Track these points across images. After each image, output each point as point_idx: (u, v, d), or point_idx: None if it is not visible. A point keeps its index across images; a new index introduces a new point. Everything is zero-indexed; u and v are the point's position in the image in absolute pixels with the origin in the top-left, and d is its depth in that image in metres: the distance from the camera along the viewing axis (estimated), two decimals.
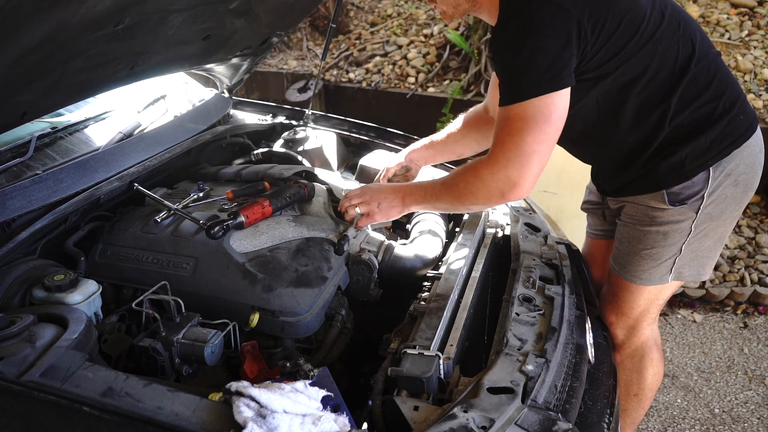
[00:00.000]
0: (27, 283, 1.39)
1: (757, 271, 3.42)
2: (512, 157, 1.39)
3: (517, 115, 1.38)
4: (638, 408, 1.90)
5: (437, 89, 5.05)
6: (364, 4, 6.47)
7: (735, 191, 1.57)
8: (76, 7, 1.15)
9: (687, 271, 1.66)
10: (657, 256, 1.63)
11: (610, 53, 1.42)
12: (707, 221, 1.58)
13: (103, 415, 1.01)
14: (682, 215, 1.57)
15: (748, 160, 1.56)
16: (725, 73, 1.57)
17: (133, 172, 1.74)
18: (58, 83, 1.44)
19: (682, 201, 1.56)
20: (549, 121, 1.37)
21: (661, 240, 1.61)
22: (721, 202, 1.57)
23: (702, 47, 1.53)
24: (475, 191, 1.48)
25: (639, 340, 1.80)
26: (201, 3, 1.56)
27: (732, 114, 1.53)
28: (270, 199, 1.63)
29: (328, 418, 1.00)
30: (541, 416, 1.06)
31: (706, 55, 1.53)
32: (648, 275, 1.66)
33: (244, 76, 2.39)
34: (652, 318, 1.79)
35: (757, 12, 4.65)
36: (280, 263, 1.48)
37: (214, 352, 1.29)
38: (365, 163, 2.16)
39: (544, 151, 1.40)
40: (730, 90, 1.55)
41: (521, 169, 1.39)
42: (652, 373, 1.85)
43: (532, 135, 1.37)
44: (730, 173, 1.54)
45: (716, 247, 1.67)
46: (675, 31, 1.49)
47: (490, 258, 1.70)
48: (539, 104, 1.37)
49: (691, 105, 1.51)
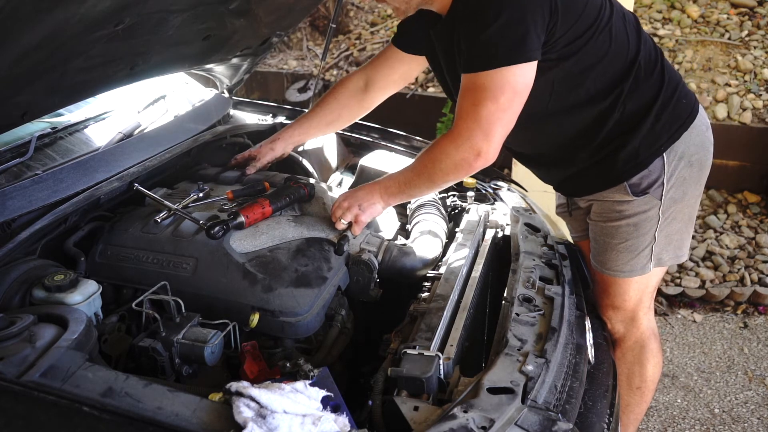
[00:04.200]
0: (27, 283, 1.39)
1: (757, 271, 3.43)
2: (475, 127, 1.42)
3: (483, 85, 1.40)
4: (640, 402, 1.92)
5: (437, 89, 5.05)
6: (364, 4, 6.46)
7: (691, 171, 1.64)
8: (76, 7, 1.15)
9: (665, 255, 1.72)
10: (633, 247, 1.68)
11: (575, 34, 1.46)
12: (672, 205, 1.65)
13: (103, 415, 1.01)
14: (647, 204, 1.63)
15: (697, 140, 1.64)
16: (663, 59, 1.64)
17: (133, 172, 1.74)
18: (58, 83, 1.44)
19: (644, 191, 1.61)
20: (515, 90, 1.40)
21: (633, 232, 1.66)
22: (681, 185, 1.64)
23: (645, 36, 1.61)
24: (444, 168, 1.50)
25: (638, 331, 1.85)
26: (201, 3, 1.56)
27: (675, 98, 1.60)
28: (270, 199, 1.63)
29: (328, 419, 1.00)
30: (541, 416, 1.06)
31: (647, 42, 1.60)
32: (630, 267, 1.71)
33: (244, 76, 2.39)
34: (647, 307, 1.84)
35: (757, 12, 4.66)
36: (280, 263, 1.48)
37: (214, 352, 1.29)
38: (365, 163, 2.15)
39: (507, 120, 1.43)
40: (670, 75, 1.62)
41: (485, 137, 1.42)
42: (653, 364, 1.88)
43: (496, 104, 1.39)
44: (683, 155, 1.61)
45: (687, 227, 1.74)
46: (623, 20, 1.57)
47: (490, 258, 1.70)
48: (507, 74, 1.39)
49: (638, 90, 1.56)
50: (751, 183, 3.97)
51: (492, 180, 2.16)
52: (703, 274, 3.43)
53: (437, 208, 1.89)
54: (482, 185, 2.11)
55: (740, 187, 4.01)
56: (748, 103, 4.04)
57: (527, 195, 2.16)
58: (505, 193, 2.08)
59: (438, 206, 1.90)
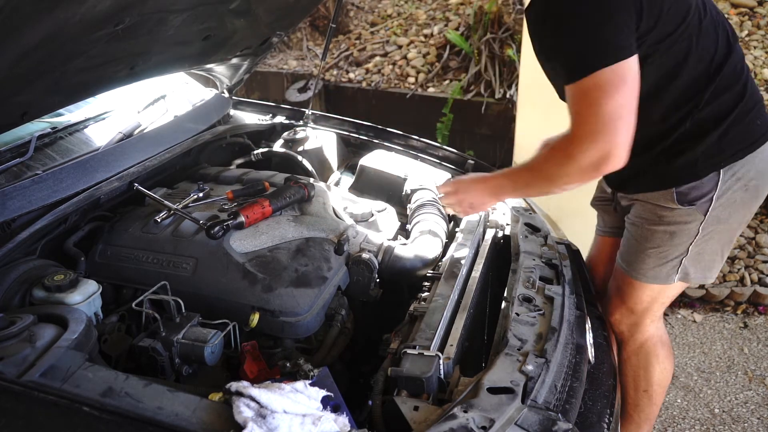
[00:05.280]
0: (27, 283, 1.39)
1: (757, 271, 3.42)
2: (598, 129, 1.34)
3: (594, 85, 1.33)
4: (650, 404, 1.91)
5: (437, 89, 5.05)
6: (364, 4, 6.47)
7: (744, 196, 1.58)
8: (76, 7, 1.15)
9: (693, 272, 1.67)
10: (663, 255, 1.64)
11: (659, 36, 1.41)
12: (714, 224, 1.59)
13: (103, 415, 1.01)
14: (690, 216, 1.58)
15: (760, 167, 1.56)
16: (749, 75, 1.57)
17: (133, 172, 1.74)
18: (58, 83, 1.44)
19: (690, 202, 1.56)
20: (626, 83, 1.33)
21: (668, 239, 1.62)
22: (729, 206, 1.57)
23: (735, 45, 1.53)
24: (569, 171, 1.42)
25: (643, 336, 1.82)
26: (201, 3, 1.56)
27: (750, 116, 1.53)
28: (270, 199, 1.63)
29: (328, 418, 1.00)
30: (541, 416, 1.06)
31: (737, 54, 1.53)
32: (654, 273, 1.67)
33: (244, 76, 2.39)
34: (656, 316, 1.81)
35: (757, 12, 4.65)
36: (280, 263, 1.48)
37: (214, 352, 1.29)
38: (365, 163, 2.16)
39: (627, 116, 1.35)
40: (752, 92, 1.56)
41: (611, 138, 1.33)
42: (659, 370, 1.86)
43: (613, 100, 1.32)
44: (741, 177, 1.55)
45: (723, 250, 1.68)
46: (716, 26, 1.49)
47: (490, 258, 1.70)
48: (616, 70, 1.32)
49: (717, 100, 1.50)
50: None
51: None
52: None
53: (437, 208, 1.89)
54: None
55: None
56: None
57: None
58: None
59: (438, 206, 1.90)
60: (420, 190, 1.99)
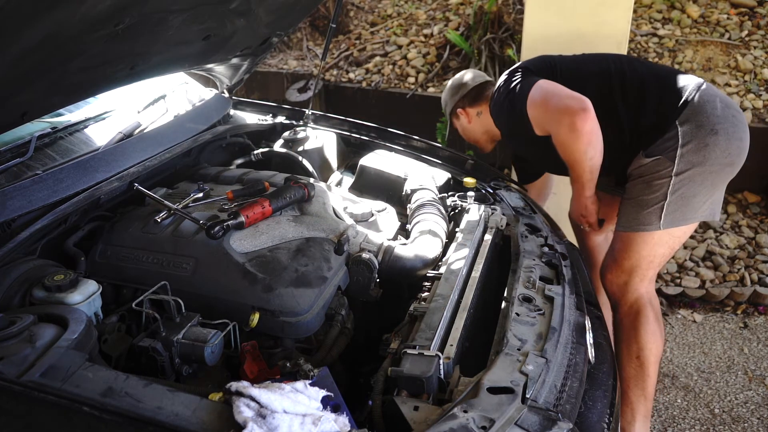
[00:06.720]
0: (27, 283, 1.39)
1: (757, 271, 3.42)
2: (560, 108, 1.82)
3: (541, 108, 1.90)
4: (641, 374, 1.97)
5: (437, 89, 5.04)
6: (364, 4, 6.46)
7: (716, 138, 1.83)
8: (76, 7, 1.15)
9: (681, 216, 1.89)
10: (643, 203, 1.92)
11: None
12: (689, 167, 1.84)
13: (103, 415, 1.01)
14: (659, 165, 1.87)
15: (719, 113, 1.84)
16: (647, 68, 2.01)
17: (133, 172, 1.74)
18: (58, 83, 1.44)
19: (656, 154, 1.87)
20: (549, 90, 1.89)
21: (645, 189, 1.91)
22: (700, 150, 1.83)
23: (634, 63, 2.04)
24: (571, 144, 1.85)
25: (633, 296, 1.99)
26: (201, 3, 1.56)
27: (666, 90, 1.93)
28: (270, 199, 1.63)
29: (328, 418, 1.00)
30: (541, 416, 1.06)
31: (634, 71, 1.98)
32: (637, 221, 1.93)
33: (244, 76, 2.39)
34: (644, 274, 1.98)
35: (757, 12, 4.65)
36: (280, 263, 1.48)
37: (214, 352, 1.29)
38: (365, 163, 2.15)
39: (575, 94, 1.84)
40: (657, 76, 1.97)
41: (571, 102, 1.81)
42: (650, 332, 1.97)
43: (555, 97, 1.86)
44: (702, 125, 1.83)
45: (711, 191, 1.91)
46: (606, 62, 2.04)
47: (490, 258, 1.70)
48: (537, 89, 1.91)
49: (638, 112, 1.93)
50: (751, 183, 3.97)
51: (492, 180, 2.16)
52: (703, 274, 3.43)
53: (437, 208, 1.89)
54: (482, 185, 2.11)
55: (740, 187, 4.00)
56: (748, 103, 4.03)
57: (527, 195, 2.16)
58: (505, 193, 2.08)
59: (438, 206, 1.90)
60: (420, 190, 1.99)
